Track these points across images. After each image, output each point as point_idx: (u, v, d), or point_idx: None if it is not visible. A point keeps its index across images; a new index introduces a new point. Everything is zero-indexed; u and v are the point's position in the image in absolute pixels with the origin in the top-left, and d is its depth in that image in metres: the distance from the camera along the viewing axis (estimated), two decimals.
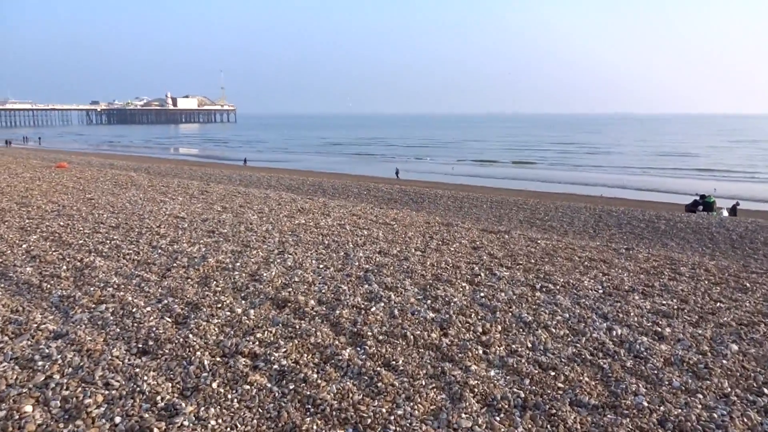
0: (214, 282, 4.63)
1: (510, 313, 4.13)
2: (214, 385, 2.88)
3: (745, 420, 2.79)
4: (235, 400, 2.76)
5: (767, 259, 9.29)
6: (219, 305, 4.07)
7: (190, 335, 3.47)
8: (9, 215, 7.49)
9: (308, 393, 2.83)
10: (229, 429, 2.53)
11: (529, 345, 3.60)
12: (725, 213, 20.25)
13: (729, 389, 3.11)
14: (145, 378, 2.91)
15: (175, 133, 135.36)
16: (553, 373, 3.21)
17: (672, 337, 3.87)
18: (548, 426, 2.67)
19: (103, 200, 9.28)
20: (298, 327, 3.68)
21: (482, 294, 4.55)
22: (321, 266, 5.22)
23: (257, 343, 3.42)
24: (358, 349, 3.41)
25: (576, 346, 3.62)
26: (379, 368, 3.13)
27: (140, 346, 3.34)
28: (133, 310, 3.93)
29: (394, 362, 3.23)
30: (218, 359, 3.18)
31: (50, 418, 2.55)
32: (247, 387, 2.88)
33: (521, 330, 3.86)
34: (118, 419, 2.55)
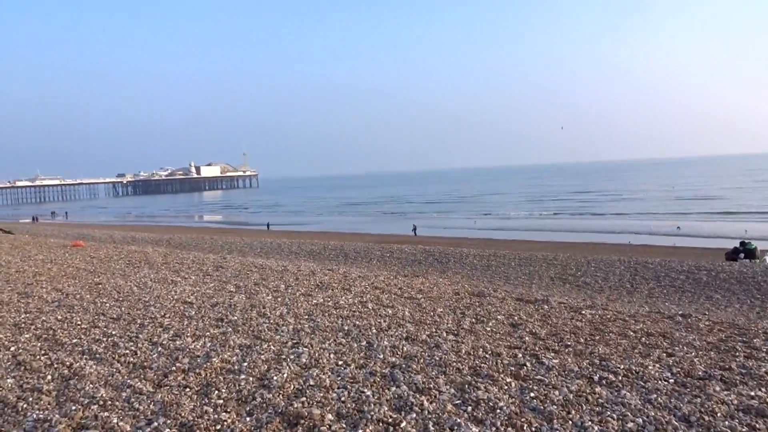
0: (216, 391, 3.97)
1: (570, 422, 3.38)
2: None
3: None
4: None
5: None
6: (218, 426, 3.40)
7: None
8: (6, 309, 6.97)
9: None
10: None
11: None
12: None
13: None
14: None
15: (199, 201, 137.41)
16: None
17: None
18: None
19: (111, 284, 8.76)
20: None
21: (532, 394, 3.81)
22: (340, 362, 4.53)
23: None
24: None
25: None
26: None
27: None
28: None
29: None
30: None
31: None
32: None
33: None
34: None
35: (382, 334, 5.36)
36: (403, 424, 3.35)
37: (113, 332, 5.71)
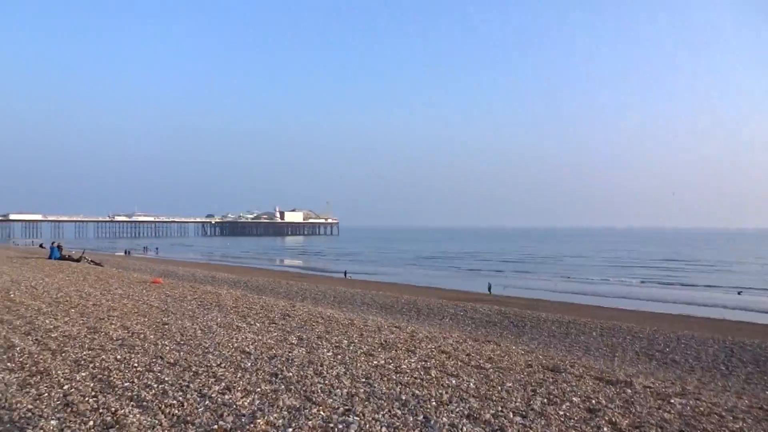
0: None
1: None
2: None
3: None
4: None
5: None
6: None
7: None
8: (71, 344, 7.01)
9: None
10: None
11: None
12: None
13: None
14: None
15: (281, 245, 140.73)
16: None
17: None
18: None
19: (177, 326, 8.74)
20: None
21: None
22: None
23: None
24: None
25: None
26: None
27: None
28: None
29: None
30: None
31: None
32: None
33: None
34: None
35: (441, 409, 4.91)
36: None
37: (166, 378, 5.55)
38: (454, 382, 5.93)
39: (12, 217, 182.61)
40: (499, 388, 5.81)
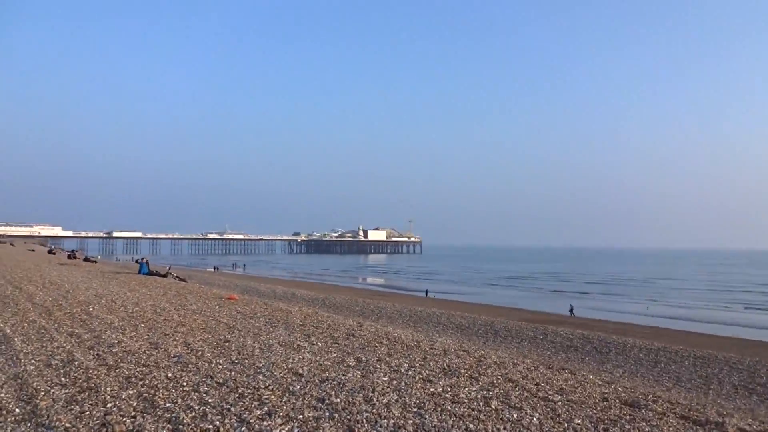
0: None
1: None
2: None
3: None
4: None
5: None
6: None
7: None
8: (128, 359, 7.01)
9: None
10: None
11: None
12: None
13: None
14: None
15: (364, 263, 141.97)
16: None
17: None
18: None
19: (238, 343, 8.64)
20: None
21: None
22: None
23: None
24: None
25: None
26: None
27: None
28: None
29: None
30: None
31: None
32: None
33: None
34: None
35: None
36: None
37: (209, 400, 5.36)
38: (515, 416, 5.39)
39: (115, 234, 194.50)
40: (566, 424, 5.22)
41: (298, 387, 5.97)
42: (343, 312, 24.76)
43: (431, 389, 6.25)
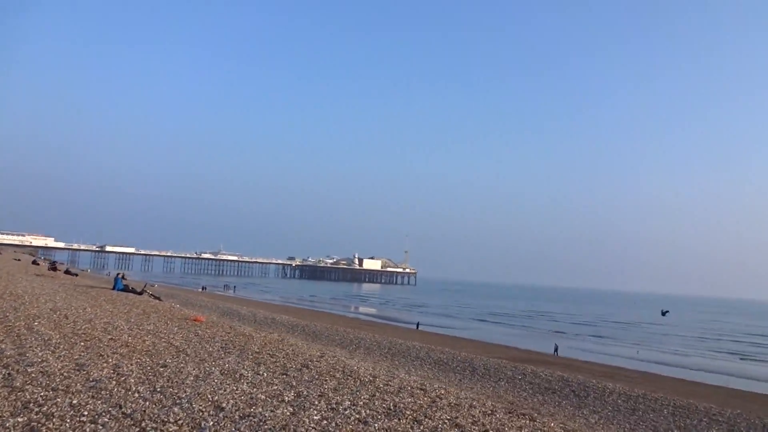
0: None
1: None
2: None
3: None
4: None
5: None
6: None
7: None
8: (39, 381, 6.40)
9: None
10: None
11: None
12: None
13: None
14: None
15: (357, 292, 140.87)
16: None
17: None
18: None
19: (174, 369, 8.04)
20: None
21: None
22: None
23: None
24: None
25: None
26: None
27: None
28: None
29: None
30: None
31: None
32: None
33: None
34: None
35: None
36: None
37: None
38: None
39: (108, 248, 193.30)
40: None
41: (211, 423, 5.37)
42: (321, 341, 24.05)
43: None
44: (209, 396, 6.49)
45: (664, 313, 37.59)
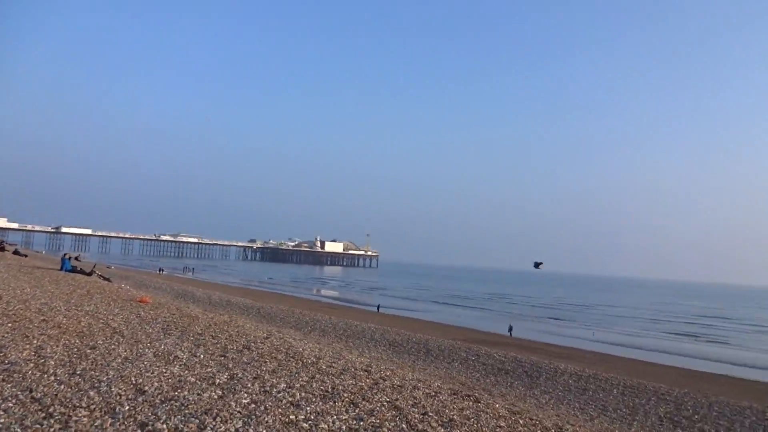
0: None
1: None
2: None
3: None
4: None
5: None
6: None
7: None
8: None
9: None
10: None
11: None
12: None
13: None
14: None
15: (319, 275, 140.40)
16: None
17: None
18: None
19: (103, 350, 7.62)
20: None
21: None
22: None
23: None
24: None
25: None
26: None
27: None
28: None
29: None
30: None
31: None
32: None
33: None
34: None
35: None
36: None
37: (2, 420, 4.37)
38: None
39: (64, 230, 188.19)
40: None
41: (127, 408, 5.01)
42: (275, 323, 23.67)
43: (291, 416, 5.37)
44: (133, 379, 6.11)
45: (537, 265, 38.24)
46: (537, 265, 30.11)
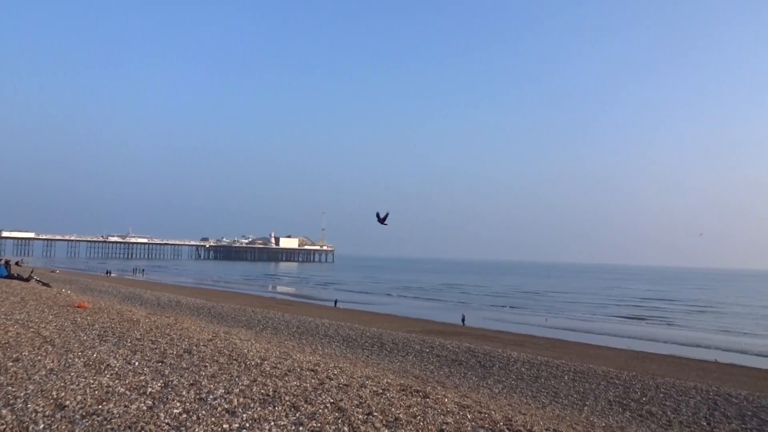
0: None
1: None
2: None
3: None
4: None
5: None
6: None
7: None
8: None
9: None
10: None
11: None
12: None
13: None
14: None
15: (274, 271, 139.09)
16: None
17: None
18: None
19: (26, 363, 7.13)
20: None
21: None
22: None
23: None
24: None
25: None
26: None
27: None
28: None
29: None
30: None
31: None
32: None
33: None
34: None
35: None
36: None
37: None
38: None
39: (4, 234, 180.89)
40: None
41: (42, 426, 4.61)
42: (227, 322, 23.14)
43: (225, 425, 5.05)
44: (54, 393, 5.68)
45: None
46: (381, 219, 25.16)
